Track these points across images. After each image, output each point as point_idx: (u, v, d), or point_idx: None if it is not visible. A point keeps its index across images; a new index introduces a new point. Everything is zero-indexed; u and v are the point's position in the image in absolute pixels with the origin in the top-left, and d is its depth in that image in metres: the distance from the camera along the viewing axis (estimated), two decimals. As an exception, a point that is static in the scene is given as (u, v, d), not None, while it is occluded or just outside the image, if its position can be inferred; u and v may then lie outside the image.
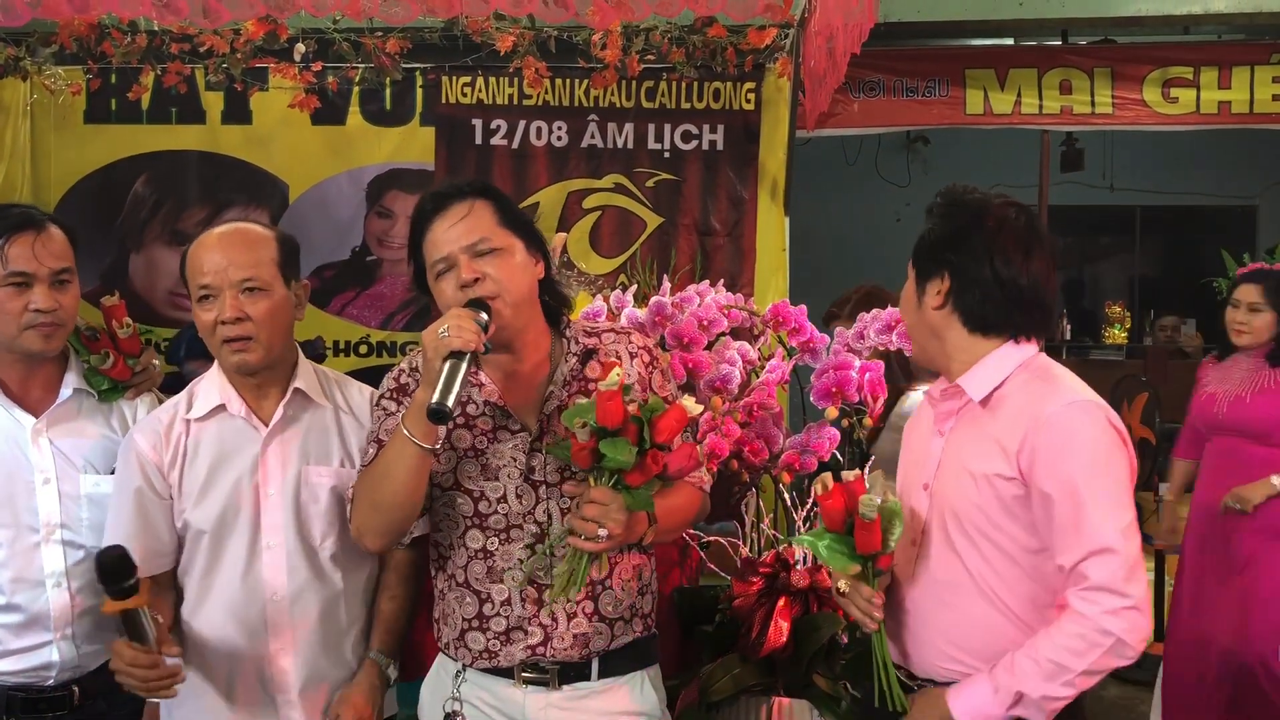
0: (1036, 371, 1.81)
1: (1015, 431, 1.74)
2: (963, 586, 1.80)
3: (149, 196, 5.18)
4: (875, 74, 5.70)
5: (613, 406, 1.71)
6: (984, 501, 1.77)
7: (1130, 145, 7.89)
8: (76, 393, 2.13)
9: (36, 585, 2.05)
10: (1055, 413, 1.72)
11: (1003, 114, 5.76)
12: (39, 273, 2.02)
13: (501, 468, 1.88)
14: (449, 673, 1.94)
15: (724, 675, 2.42)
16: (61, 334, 2.08)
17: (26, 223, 2.03)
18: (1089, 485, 1.68)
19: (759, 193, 4.84)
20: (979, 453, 1.79)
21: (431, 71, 4.95)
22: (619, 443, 1.72)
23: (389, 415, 1.93)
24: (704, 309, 2.61)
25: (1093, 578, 1.66)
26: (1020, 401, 1.77)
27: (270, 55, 4.61)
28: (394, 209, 5.15)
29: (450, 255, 1.83)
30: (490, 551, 1.88)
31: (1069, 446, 1.69)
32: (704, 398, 2.53)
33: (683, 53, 4.54)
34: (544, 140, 4.96)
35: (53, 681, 2.07)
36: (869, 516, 1.72)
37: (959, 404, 1.85)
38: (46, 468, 2.07)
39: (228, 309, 1.94)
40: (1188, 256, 9.14)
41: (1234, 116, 5.64)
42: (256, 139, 5.12)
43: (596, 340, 1.96)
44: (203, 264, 1.97)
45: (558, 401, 1.89)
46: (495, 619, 1.88)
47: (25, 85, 5.01)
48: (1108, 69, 5.64)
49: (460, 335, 1.72)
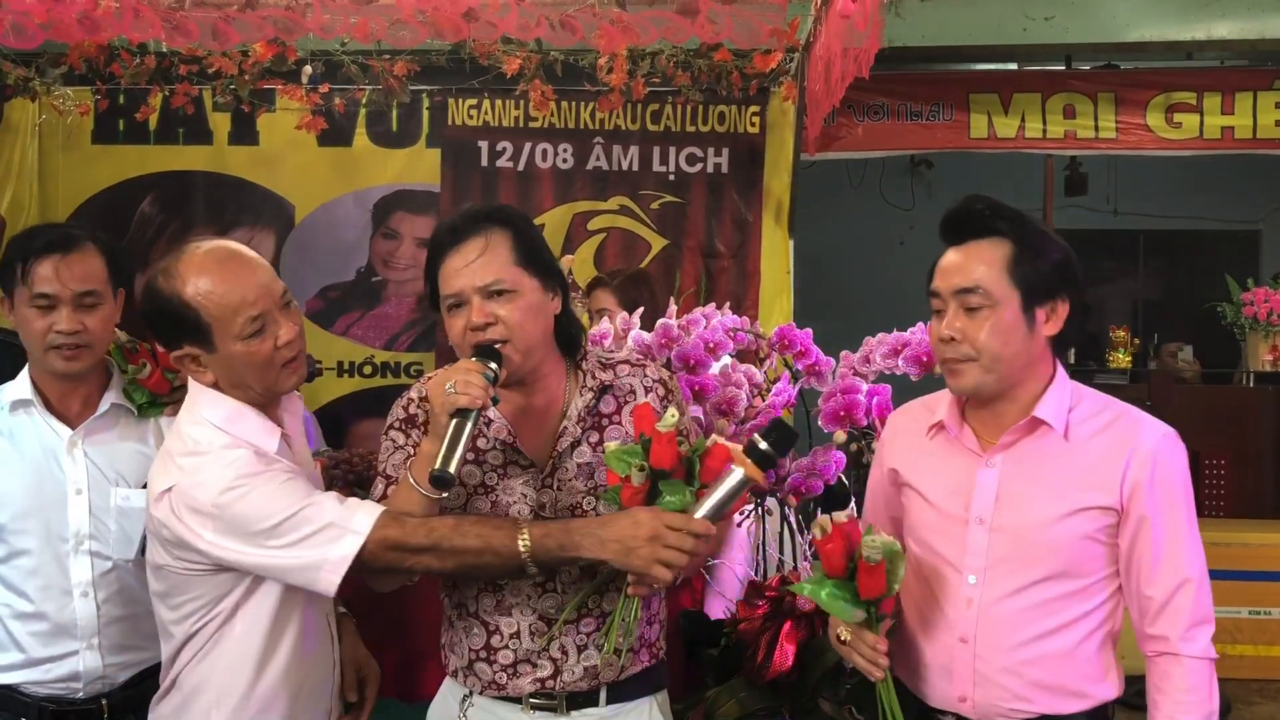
0: (1094, 397, 1.82)
1: (1113, 463, 1.73)
2: (1045, 621, 1.75)
3: (155, 216, 5.21)
4: (879, 98, 5.71)
5: (669, 448, 1.70)
6: (1072, 534, 1.74)
7: (1134, 170, 7.90)
8: (115, 407, 2.16)
9: (64, 594, 2.06)
10: (1158, 445, 1.74)
11: (1006, 138, 5.77)
12: (62, 294, 2.04)
13: (511, 504, 1.86)
14: (456, 697, 1.93)
15: (729, 699, 2.40)
16: (88, 355, 2.09)
17: (56, 244, 2.05)
18: (1189, 518, 1.75)
19: (763, 215, 4.87)
20: (1067, 484, 1.75)
21: (438, 94, 4.98)
22: (676, 484, 1.71)
23: (397, 448, 1.90)
24: (710, 331, 2.61)
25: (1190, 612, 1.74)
26: (1103, 430, 1.77)
27: (278, 77, 4.64)
28: (400, 230, 5.17)
29: (462, 293, 1.80)
30: (500, 585, 1.87)
31: (1172, 479, 1.74)
32: (711, 420, 2.53)
33: (688, 76, 4.56)
34: (549, 162, 4.99)
35: (82, 694, 2.08)
36: (874, 560, 1.66)
37: (1019, 435, 1.79)
38: (79, 479, 2.09)
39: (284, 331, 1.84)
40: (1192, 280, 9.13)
41: (1237, 142, 5.65)
42: (263, 160, 5.15)
43: (612, 374, 1.93)
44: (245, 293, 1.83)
45: (571, 439, 1.88)
46: (503, 651, 1.87)
47: (34, 106, 5.04)
48: (1111, 94, 5.65)
49: (467, 392, 1.69)
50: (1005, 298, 1.74)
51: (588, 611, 1.86)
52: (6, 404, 2.11)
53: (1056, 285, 1.76)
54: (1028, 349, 1.76)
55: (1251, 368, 6.24)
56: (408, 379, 5.07)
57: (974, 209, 1.80)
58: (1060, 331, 1.78)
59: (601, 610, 1.86)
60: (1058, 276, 1.76)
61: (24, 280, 2.05)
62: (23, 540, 2.06)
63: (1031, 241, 1.75)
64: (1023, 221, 1.77)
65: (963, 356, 1.77)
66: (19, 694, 2.06)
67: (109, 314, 2.12)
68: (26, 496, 2.06)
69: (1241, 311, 6.17)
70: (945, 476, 1.86)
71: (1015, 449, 1.80)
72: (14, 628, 2.06)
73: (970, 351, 1.76)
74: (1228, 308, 6.32)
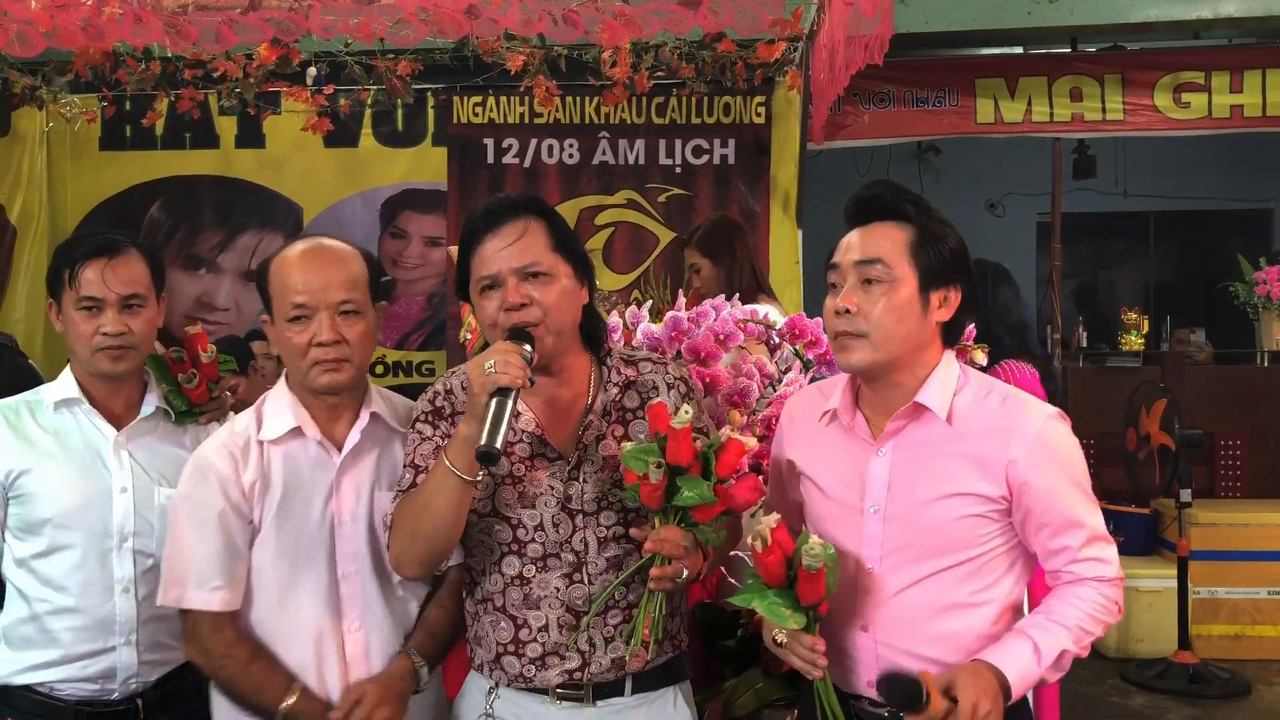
0: (981, 382, 1.84)
1: (997, 447, 1.75)
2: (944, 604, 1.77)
3: (164, 221, 5.24)
4: (885, 85, 5.70)
5: (685, 445, 1.72)
6: (962, 519, 1.75)
7: (1142, 151, 7.86)
8: (157, 410, 2.22)
9: (106, 590, 2.10)
10: (1042, 427, 1.75)
11: (1013, 122, 5.75)
12: (108, 298, 2.09)
13: (539, 496, 1.86)
14: (482, 689, 1.93)
15: (747, 690, 2.40)
16: (133, 356, 2.15)
17: (102, 249, 2.11)
18: (1082, 488, 1.77)
19: (771, 206, 4.86)
20: (951, 472, 1.77)
21: (443, 92, 4.99)
22: (694, 480, 1.73)
23: (424, 440, 1.91)
24: (720, 323, 2.61)
25: (1104, 557, 1.77)
26: (987, 416, 1.78)
27: (282, 79, 4.65)
28: (408, 229, 5.18)
29: (499, 274, 1.83)
30: (527, 579, 1.87)
31: (1060, 457, 1.76)
32: (722, 411, 2.52)
33: (692, 68, 4.56)
34: (555, 158, 4.99)
35: (117, 694, 2.11)
36: (814, 567, 1.65)
37: (906, 421, 1.80)
38: (124, 478, 2.13)
39: (325, 331, 1.91)
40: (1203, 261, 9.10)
41: (1246, 120, 5.62)
42: (270, 162, 5.17)
43: (635, 370, 1.95)
44: (297, 282, 1.92)
45: (596, 432, 1.89)
46: (531, 645, 1.87)
47: (41, 114, 5.07)
48: (1118, 75, 5.63)
49: (507, 371, 1.70)
50: (904, 276, 1.76)
51: (615, 604, 1.87)
52: (51, 403, 2.16)
53: (952, 272, 1.79)
54: (919, 331, 1.78)
55: (1265, 347, 6.21)
56: (420, 378, 5.09)
57: (879, 193, 1.84)
58: (952, 320, 1.81)
59: (628, 602, 1.86)
60: (954, 264, 1.79)
61: (71, 284, 2.10)
62: (67, 536, 2.09)
63: (933, 227, 1.79)
64: (926, 208, 1.81)
65: (855, 331, 1.77)
66: (54, 699, 2.08)
67: (151, 317, 2.17)
68: (73, 493, 2.10)
69: (1254, 291, 6.14)
70: (840, 466, 1.86)
71: (904, 436, 1.80)
72: (51, 623, 2.09)
73: (864, 326, 1.76)
74: (1240, 287, 6.28)
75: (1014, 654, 1.72)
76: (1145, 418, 5.29)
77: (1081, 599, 1.75)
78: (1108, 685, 4.83)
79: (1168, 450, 5.10)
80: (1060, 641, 1.73)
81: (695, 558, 1.78)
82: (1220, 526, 5.32)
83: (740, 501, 1.81)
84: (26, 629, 2.10)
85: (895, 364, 1.79)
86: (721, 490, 1.77)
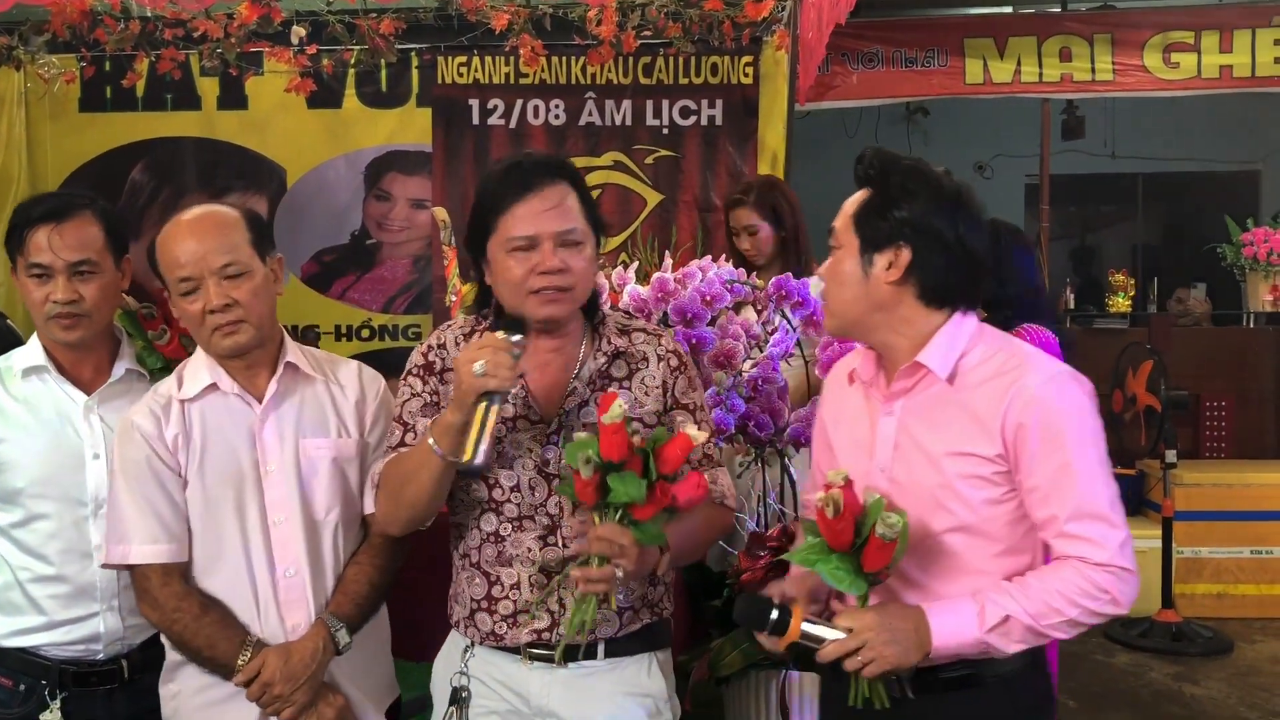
0: (994, 342, 1.78)
1: (995, 406, 1.70)
2: (945, 566, 1.73)
3: (146, 184, 5.17)
4: (873, 45, 5.66)
5: (617, 440, 1.65)
6: (962, 479, 1.72)
7: (1131, 112, 7.84)
8: (129, 373, 2.17)
9: (84, 557, 2.08)
10: (1041, 385, 1.70)
11: (1002, 83, 5.73)
12: (55, 264, 2.04)
13: (517, 457, 1.87)
14: (458, 648, 1.94)
15: (733, 650, 2.41)
16: (87, 324, 2.09)
17: (50, 213, 2.05)
18: (1082, 455, 1.69)
19: (759, 167, 4.82)
20: (953, 431, 1.73)
21: (427, 52, 4.93)
22: (627, 477, 1.66)
23: (414, 395, 1.91)
24: (707, 284, 2.59)
25: (1092, 537, 1.67)
26: (992, 375, 1.74)
27: (264, 39, 4.59)
28: (392, 191, 5.14)
29: (537, 236, 1.81)
30: (502, 537, 1.88)
31: (1060, 417, 1.69)
32: (708, 372, 2.51)
33: (679, 27, 4.51)
34: (541, 119, 4.94)
35: (101, 655, 2.10)
36: (890, 537, 1.61)
37: (911, 381, 1.78)
38: (97, 443, 2.10)
39: (214, 297, 1.93)
40: (1191, 223, 9.10)
41: (1236, 80, 5.60)
42: (253, 124, 5.11)
43: (627, 340, 1.93)
44: (178, 254, 1.94)
45: (579, 399, 1.88)
46: (503, 602, 1.88)
47: (19, 75, 4.99)
48: (1108, 35, 5.60)
49: (497, 374, 1.69)
50: (847, 243, 1.79)
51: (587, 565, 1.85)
52: (19, 370, 2.12)
53: (901, 233, 1.75)
54: (865, 295, 1.77)
55: (1252, 308, 6.23)
56: (406, 341, 5.06)
57: (858, 159, 1.84)
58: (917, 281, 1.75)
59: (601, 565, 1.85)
60: (906, 224, 1.74)
61: (21, 250, 2.06)
62: (41, 504, 2.07)
63: (887, 192, 1.78)
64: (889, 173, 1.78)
65: (822, 297, 1.89)
66: (39, 657, 2.08)
67: (108, 282, 2.10)
68: (44, 461, 2.07)
69: (1241, 253, 6.14)
70: (855, 426, 1.86)
71: (911, 397, 1.78)
72: (34, 590, 2.08)
73: (824, 292, 1.86)
74: (1228, 249, 6.29)
75: (951, 609, 1.69)
76: (1132, 379, 5.31)
77: (1058, 576, 1.68)
78: (1092, 643, 4.88)
79: (1154, 411, 5.13)
80: (1008, 607, 1.66)
81: (642, 554, 1.71)
82: (1204, 487, 5.36)
83: (683, 500, 1.72)
84: (12, 595, 2.09)
85: (855, 326, 1.82)
86: (661, 487, 1.69)
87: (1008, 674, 1.74)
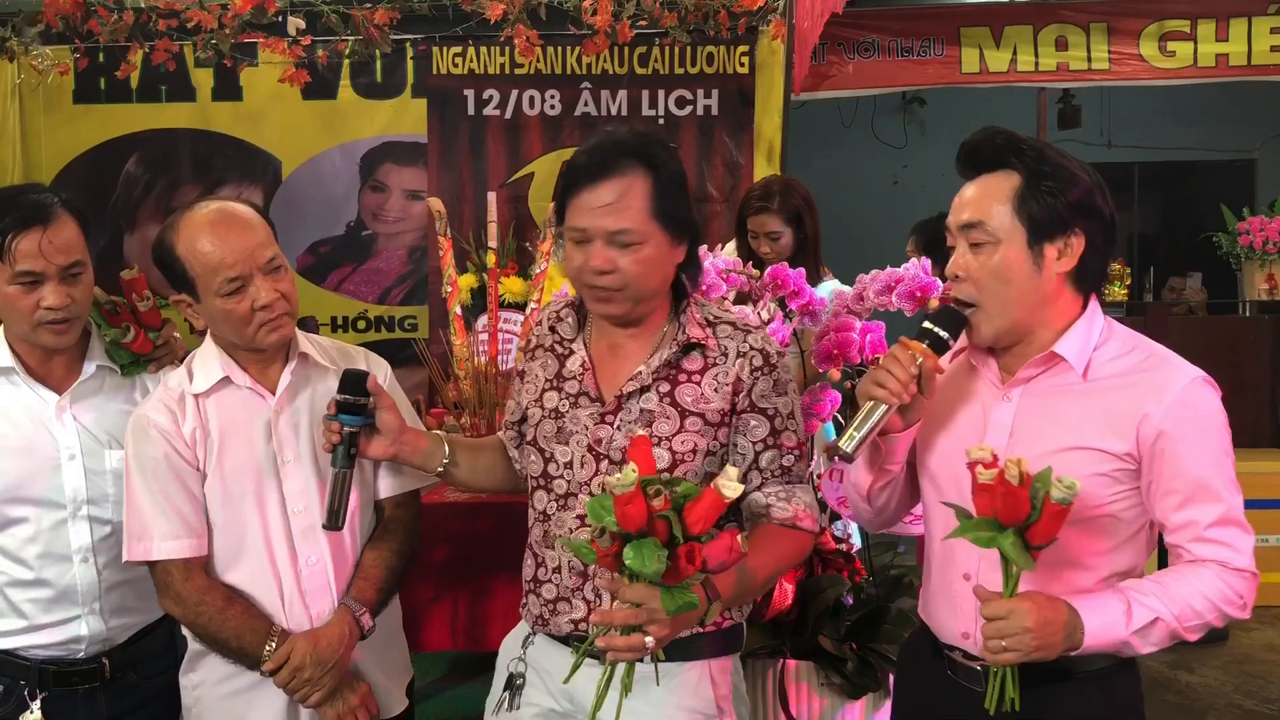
0: (1128, 338, 1.74)
1: (1133, 405, 1.65)
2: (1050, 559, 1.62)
3: (141, 176, 5.17)
4: (869, 34, 5.65)
5: (632, 510, 1.51)
6: (1079, 473, 1.58)
7: (1127, 101, 7.85)
8: (100, 369, 2.12)
9: (64, 560, 2.05)
10: (1185, 389, 1.66)
11: (999, 72, 5.72)
12: (48, 270, 1.97)
13: (574, 434, 1.85)
14: (520, 636, 1.95)
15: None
16: (76, 325, 2.05)
17: (34, 217, 1.96)
18: (1224, 461, 1.67)
19: (755, 157, 4.82)
20: (1080, 425, 1.67)
21: (422, 43, 4.92)
22: (645, 547, 1.52)
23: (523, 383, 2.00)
24: (703, 274, 2.59)
25: (1232, 543, 1.65)
26: (1128, 370, 1.69)
27: (259, 30, 4.58)
28: (387, 182, 5.13)
29: (589, 231, 1.77)
30: (549, 515, 1.87)
31: (1205, 423, 1.66)
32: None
33: (675, 17, 4.51)
34: (537, 109, 4.93)
35: (83, 654, 2.08)
36: (1067, 501, 1.51)
37: (1038, 370, 1.70)
38: (71, 444, 2.06)
39: (265, 294, 1.92)
40: (1187, 212, 9.10)
41: (1232, 69, 5.60)
42: (247, 115, 5.10)
43: (710, 333, 1.85)
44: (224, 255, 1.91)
45: (639, 385, 1.82)
46: (547, 585, 1.88)
47: (12, 66, 4.98)
48: (1104, 24, 5.60)
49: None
50: (1008, 235, 1.66)
51: None
52: None
53: (1071, 218, 1.65)
54: (1035, 290, 1.67)
55: (1248, 297, 6.23)
56: (402, 333, 5.06)
57: (978, 142, 1.73)
58: (1080, 267, 1.68)
59: None
60: (1074, 209, 1.65)
61: (4, 257, 1.94)
62: (18, 509, 2.03)
63: (1045, 172, 1.66)
64: (1037, 152, 1.68)
65: (967, 298, 1.70)
66: (18, 657, 2.06)
67: (90, 279, 2.06)
68: (18, 465, 2.03)
69: (1237, 241, 6.14)
70: (963, 407, 1.79)
71: (1034, 384, 1.72)
72: (14, 595, 2.05)
73: (973, 293, 1.69)
74: (1224, 238, 6.29)
75: (1101, 606, 1.61)
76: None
77: (1199, 578, 1.63)
78: (1088, 632, 4.88)
79: (1150, 400, 5.12)
80: (1156, 608, 1.60)
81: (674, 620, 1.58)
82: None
83: (714, 565, 1.58)
84: None
85: (1017, 329, 1.70)
86: (689, 551, 1.55)
87: (1100, 670, 1.70)
